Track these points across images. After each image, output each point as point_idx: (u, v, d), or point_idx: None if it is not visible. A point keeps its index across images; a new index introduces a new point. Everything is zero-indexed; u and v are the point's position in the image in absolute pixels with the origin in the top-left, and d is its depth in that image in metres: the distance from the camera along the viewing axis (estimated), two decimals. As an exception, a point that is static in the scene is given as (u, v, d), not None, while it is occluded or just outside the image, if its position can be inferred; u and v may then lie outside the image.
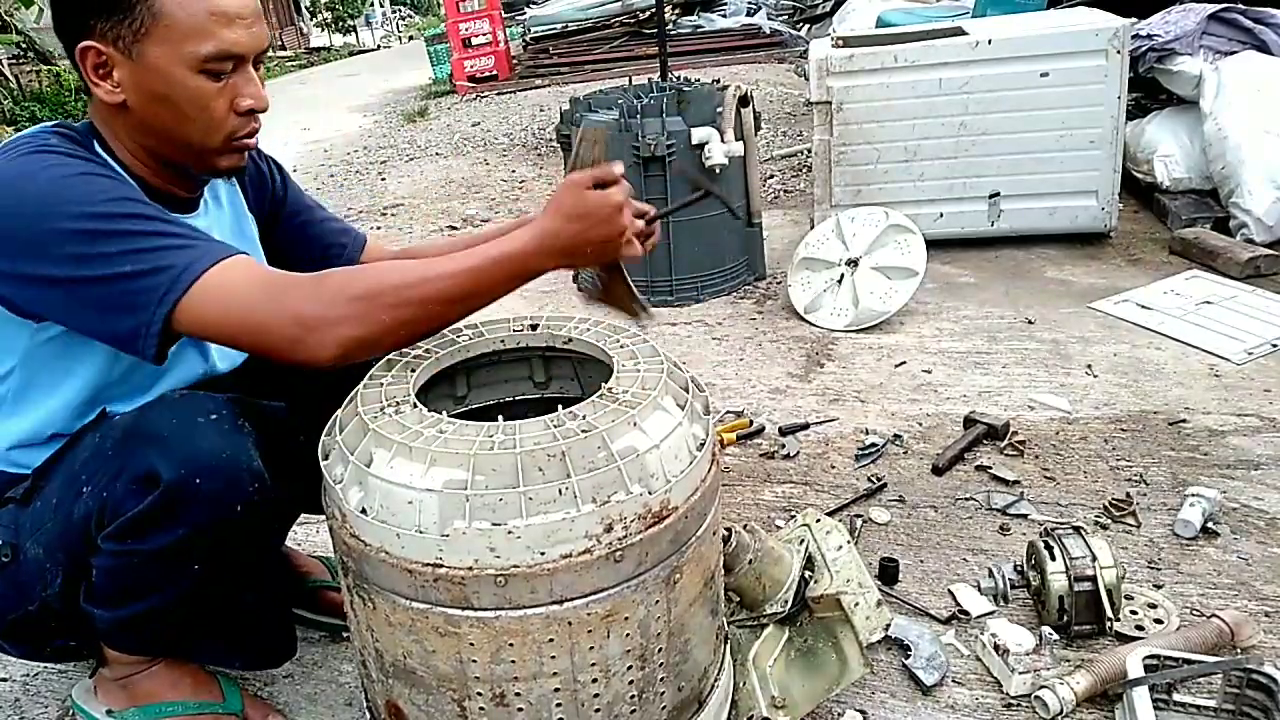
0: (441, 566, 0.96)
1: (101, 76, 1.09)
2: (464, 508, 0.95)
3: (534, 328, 1.30)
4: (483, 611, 0.98)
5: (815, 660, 1.35)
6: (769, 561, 1.39)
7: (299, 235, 1.45)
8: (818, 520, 1.54)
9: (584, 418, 1.02)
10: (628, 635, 1.03)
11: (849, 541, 1.47)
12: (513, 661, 1.00)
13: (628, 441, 1.01)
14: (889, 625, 1.35)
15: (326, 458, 1.09)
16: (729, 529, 1.37)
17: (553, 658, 1.00)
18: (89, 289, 1.00)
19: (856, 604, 1.34)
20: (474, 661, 1.00)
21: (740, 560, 1.35)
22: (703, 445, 1.09)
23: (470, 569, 0.96)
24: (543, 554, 0.96)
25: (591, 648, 1.01)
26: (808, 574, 1.42)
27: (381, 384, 1.14)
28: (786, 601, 1.38)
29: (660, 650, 1.07)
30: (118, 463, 1.08)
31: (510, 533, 0.94)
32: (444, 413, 1.09)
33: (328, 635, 1.59)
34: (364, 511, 1.00)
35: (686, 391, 1.14)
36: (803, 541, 1.48)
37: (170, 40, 1.05)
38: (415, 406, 1.08)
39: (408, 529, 0.97)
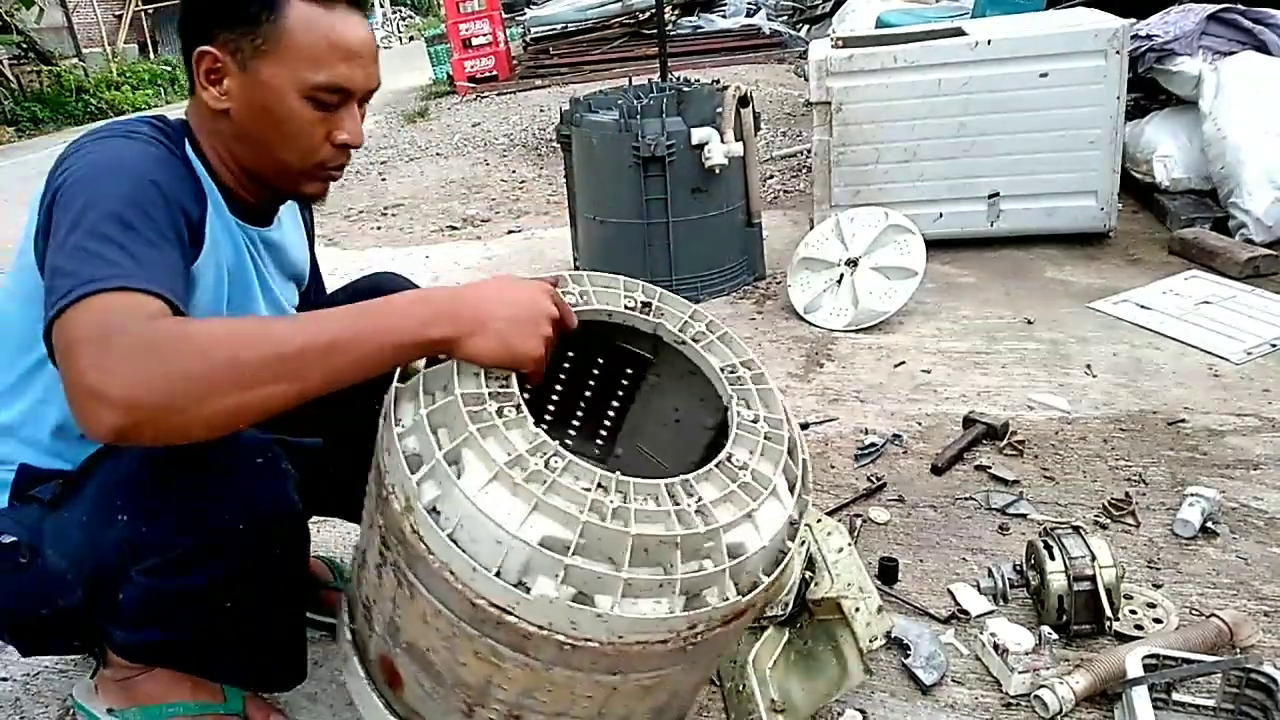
0: (511, 615, 0.89)
1: (212, 82, 1.11)
2: (558, 572, 0.87)
3: (646, 306, 1.19)
4: (535, 661, 0.93)
5: (815, 664, 1.35)
6: None
7: (314, 285, 1.50)
8: (818, 520, 1.54)
9: (701, 500, 0.95)
10: (658, 696, 1.03)
11: (850, 544, 1.46)
12: (543, 700, 0.98)
13: (739, 537, 0.95)
14: (890, 632, 1.33)
15: (396, 418, 0.97)
16: None
17: (584, 706, 0.99)
18: (44, 265, 0.99)
19: (857, 609, 1.33)
20: (503, 688, 0.98)
21: None
22: (795, 534, 1.03)
23: (541, 629, 0.89)
24: (621, 638, 0.90)
25: (624, 705, 1.01)
26: (808, 574, 1.42)
27: None
28: (787, 604, 1.38)
29: (677, 703, 1.08)
30: (160, 497, 1.06)
31: (599, 615, 0.87)
32: None
33: (328, 635, 1.59)
34: (435, 512, 0.91)
35: (794, 463, 1.07)
36: (803, 542, 1.48)
37: (286, 62, 1.08)
38: (520, 411, 0.95)
39: (486, 566, 0.88)
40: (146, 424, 0.86)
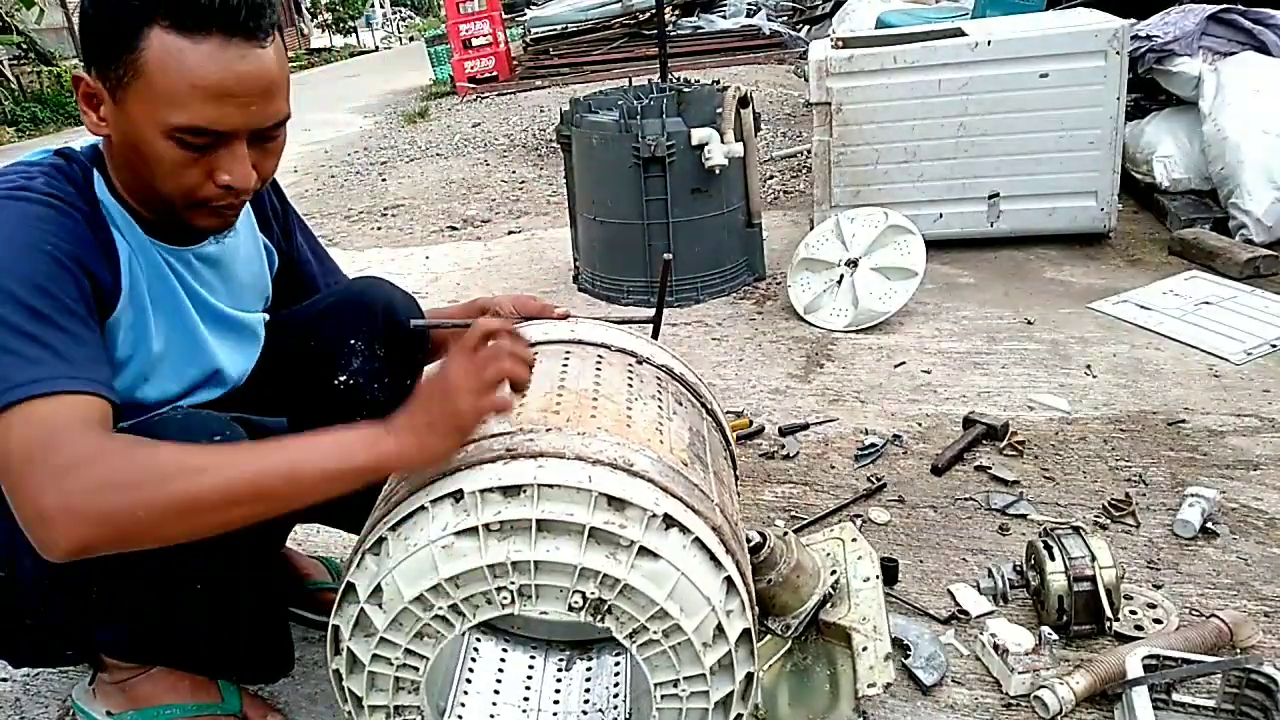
0: None
1: (92, 107, 1.05)
2: None
3: (598, 606, 1.01)
4: None
5: (808, 683, 1.33)
6: (795, 581, 1.35)
7: (300, 280, 1.44)
8: (853, 539, 1.52)
9: None
10: None
11: (878, 576, 1.45)
12: None
13: None
14: (890, 685, 1.27)
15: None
16: (763, 535, 1.34)
17: None
18: None
19: (865, 648, 1.31)
20: None
21: (763, 574, 1.33)
22: None
23: None
24: None
25: None
26: (830, 592, 1.41)
27: None
28: (789, 626, 1.37)
29: None
30: None
31: None
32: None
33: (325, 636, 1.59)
34: None
35: None
36: (834, 570, 1.45)
37: (146, 100, 0.99)
38: None
39: None
40: (100, 549, 0.90)
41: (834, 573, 1.44)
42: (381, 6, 26.91)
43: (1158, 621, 1.45)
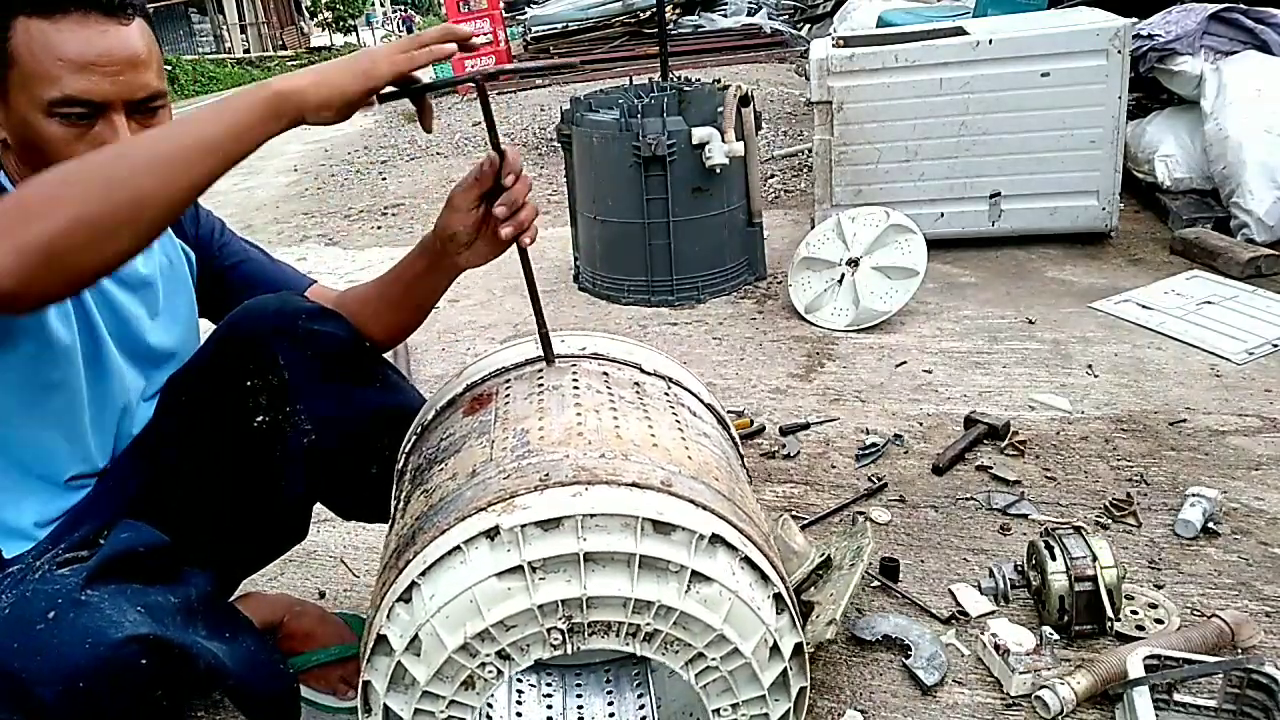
0: None
1: None
2: None
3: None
4: None
5: None
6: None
7: (240, 279, 1.38)
8: (860, 533, 1.54)
9: None
10: None
11: (863, 561, 1.46)
12: None
13: None
14: (824, 644, 1.30)
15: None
16: None
17: None
18: None
19: (819, 615, 1.34)
20: None
21: None
22: None
23: None
24: None
25: None
26: (819, 574, 1.42)
27: None
28: None
29: None
30: None
31: None
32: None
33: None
34: None
35: None
36: (824, 554, 1.46)
37: (23, 86, 1.03)
38: None
39: None
40: (50, 281, 0.88)
41: (825, 556, 1.45)
42: (382, 5, 26.92)
43: (1159, 621, 1.44)
